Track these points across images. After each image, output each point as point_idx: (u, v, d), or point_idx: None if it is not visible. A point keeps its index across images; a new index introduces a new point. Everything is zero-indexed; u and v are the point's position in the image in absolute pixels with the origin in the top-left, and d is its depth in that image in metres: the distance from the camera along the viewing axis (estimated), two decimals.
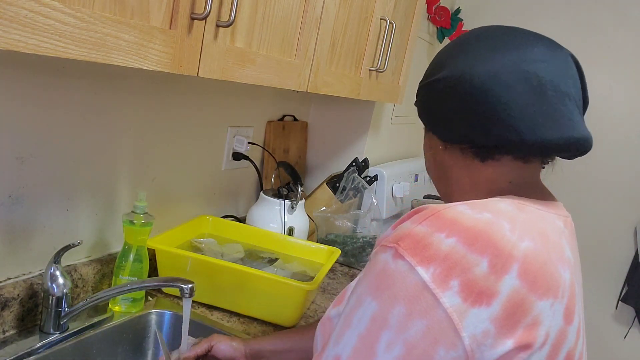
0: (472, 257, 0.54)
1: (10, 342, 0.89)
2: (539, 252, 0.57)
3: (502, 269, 0.54)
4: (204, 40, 0.77)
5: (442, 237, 0.55)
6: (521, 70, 0.65)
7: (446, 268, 0.53)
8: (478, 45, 0.68)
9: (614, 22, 2.16)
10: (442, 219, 0.57)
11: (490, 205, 0.60)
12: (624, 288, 2.24)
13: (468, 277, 0.53)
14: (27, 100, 0.89)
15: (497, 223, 0.57)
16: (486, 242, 0.55)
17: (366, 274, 0.59)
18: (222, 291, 1.16)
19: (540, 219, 0.62)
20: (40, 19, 0.53)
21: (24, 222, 0.94)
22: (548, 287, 0.56)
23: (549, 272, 0.57)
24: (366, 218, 1.71)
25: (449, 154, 0.72)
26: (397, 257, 0.55)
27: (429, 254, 0.54)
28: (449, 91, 0.67)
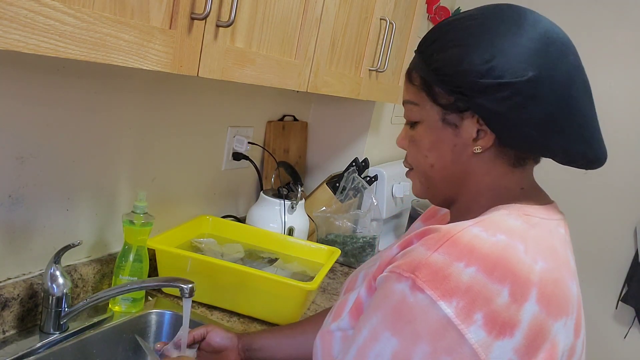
0: (493, 286, 0.52)
1: (10, 342, 0.89)
2: (552, 271, 0.57)
3: (522, 296, 0.53)
4: (204, 40, 0.77)
5: (462, 266, 0.53)
6: (583, 73, 0.64)
7: (469, 301, 0.51)
8: (547, 42, 0.62)
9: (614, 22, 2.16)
10: (458, 246, 0.54)
11: (501, 224, 0.59)
12: (624, 288, 2.24)
13: (491, 309, 0.52)
14: (27, 100, 0.89)
15: (513, 246, 0.56)
16: (505, 270, 0.53)
17: (380, 304, 0.57)
18: (222, 291, 1.16)
19: (548, 233, 0.62)
20: (40, 19, 0.53)
21: (24, 222, 0.94)
22: (561, 307, 0.56)
23: (561, 291, 0.57)
24: (366, 218, 1.71)
25: (480, 157, 0.66)
26: (416, 289, 0.53)
27: (450, 286, 0.52)
28: (530, 95, 0.60)
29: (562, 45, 0.63)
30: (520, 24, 0.62)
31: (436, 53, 0.65)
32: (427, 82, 0.66)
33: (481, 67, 0.61)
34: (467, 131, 0.65)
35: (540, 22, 0.63)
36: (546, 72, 0.60)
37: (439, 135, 0.67)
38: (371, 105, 1.91)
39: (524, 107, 0.60)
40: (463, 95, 0.63)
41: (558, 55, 0.62)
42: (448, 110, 0.65)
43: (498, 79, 0.60)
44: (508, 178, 0.67)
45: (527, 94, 0.60)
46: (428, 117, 0.67)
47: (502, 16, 0.63)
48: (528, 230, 0.60)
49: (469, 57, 0.61)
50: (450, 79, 0.63)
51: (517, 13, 0.64)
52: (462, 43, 0.63)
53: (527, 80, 0.60)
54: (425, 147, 0.69)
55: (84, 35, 0.58)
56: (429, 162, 0.69)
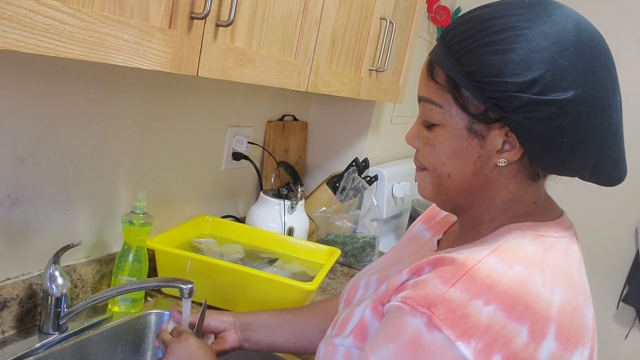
0: (512, 326, 0.50)
1: (9, 342, 0.89)
2: (569, 301, 0.56)
3: (541, 335, 0.52)
4: (204, 40, 0.76)
5: (480, 304, 0.51)
6: (619, 87, 0.61)
7: (488, 342, 0.50)
8: (592, 55, 0.56)
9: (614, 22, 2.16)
10: (476, 281, 0.52)
11: (517, 253, 0.57)
12: (625, 288, 2.23)
13: (510, 350, 0.50)
14: (26, 100, 0.89)
15: (531, 279, 0.54)
16: (525, 307, 0.52)
17: (393, 337, 0.54)
18: (222, 291, 1.16)
19: (563, 256, 0.60)
20: (39, 19, 0.53)
21: (23, 222, 0.94)
22: (578, 339, 0.55)
23: (578, 321, 0.56)
24: (366, 218, 1.71)
25: (501, 170, 0.62)
26: (433, 327, 0.50)
27: (468, 326, 0.50)
28: (569, 114, 0.56)
29: (605, 57, 0.58)
30: (567, 31, 0.56)
31: (470, 54, 0.57)
32: (455, 85, 0.59)
33: (522, 79, 0.55)
34: (492, 142, 0.60)
35: (587, 28, 0.58)
36: (589, 91, 0.56)
37: (463, 145, 0.61)
38: (371, 105, 1.91)
39: (562, 128, 0.56)
40: (497, 107, 0.57)
41: (602, 71, 0.57)
42: (476, 119, 0.59)
43: (539, 94, 0.54)
44: (524, 192, 0.64)
45: (569, 115, 0.55)
46: (452, 122, 0.61)
47: (550, 20, 0.56)
48: (544, 255, 0.58)
49: (510, 65, 0.55)
50: (485, 88, 0.57)
51: (564, 16, 0.57)
52: (504, 48, 0.55)
53: (569, 100, 0.55)
54: (444, 154, 0.62)
55: (83, 34, 0.58)
56: (446, 171, 0.63)
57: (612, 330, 2.29)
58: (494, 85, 0.56)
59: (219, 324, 0.90)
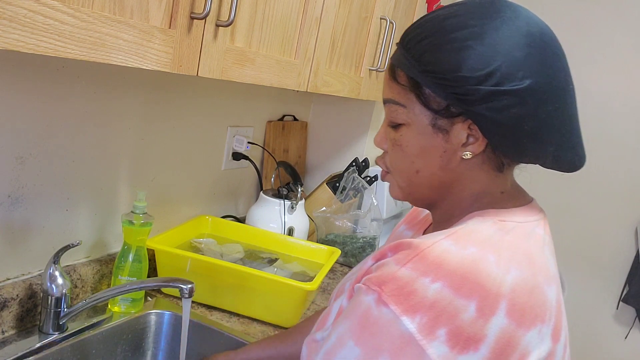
0: (459, 302, 0.52)
1: (9, 342, 0.89)
2: (526, 279, 0.57)
3: (490, 310, 0.53)
4: (204, 40, 0.77)
5: (428, 282, 0.53)
6: (571, 76, 0.63)
7: (433, 317, 0.52)
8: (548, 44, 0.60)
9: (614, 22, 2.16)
10: (426, 261, 0.54)
11: (473, 236, 0.59)
12: (625, 288, 2.23)
13: (455, 325, 0.52)
14: (26, 100, 0.89)
15: (483, 258, 0.55)
16: (473, 284, 0.53)
17: (349, 313, 0.57)
18: (222, 291, 1.16)
19: (523, 237, 0.61)
20: (39, 19, 0.53)
21: (23, 222, 0.94)
22: (535, 316, 0.56)
23: (537, 299, 0.57)
24: (366, 218, 1.71)
25: (468, 163, 0.64)
26: (381, 303, 0.53)
27: (414, 302, 0.52)
28: (528, 103, 0.58)
29: (556, 49, 0.61)
30: (519, 26, 0.59)
31: (429, 53, 0.61)
32: (417, 84, 0.62)
33: (480, 72, 0.58)
34: (457, 136, 0.62)
35: (537, 23, 0.61)
36: (544, 79, 0.59)
37: (428, 141, 0.64)
38: (371, 105, 1.91)
39: (521, 116, 0.59)
40: (458, 101, 0.60)
41: (554, 61, 0.60)
42: (439, 115, 0.62)
43: (497, 86, 0.58)
44: (492, 183, 0.66)
45: (525, 102, 0.58)
46: (416, 120, 0.64)
47: (501, 16, 0.60)
48: (502, 238, 0.59)
49: (468, 61, 0.58)
50: (445, 84, 0.59)
51: (515, 13, 0.61)
52: (460, 45, 0.59)
53: (526, 88, 0.58)
54: (412, 153, 0.65)
55: (83, 34, 0.58)
56: (415, 168, 0.66)
57: (612, 330, 2.29)
58: (454, 80, 0.59)
59: None
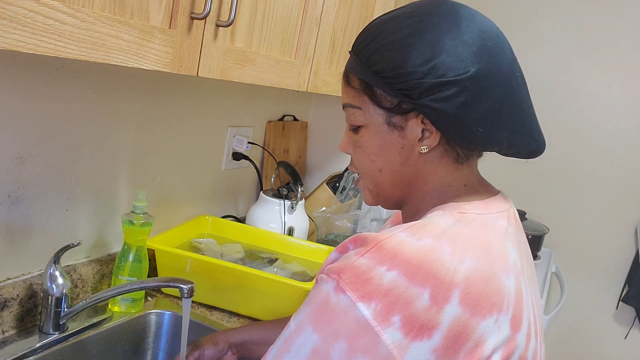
0: (413, 290, 0.54)
1: (9, 342, 0.89)
2: (482, 269, 0.57)
3: (443, 298, 0.54)
4: (204, 40, 0.77)
5: (383, 270, 0.55)
6: (519, 66, 0.66)
7: (387, 304, 0.53)
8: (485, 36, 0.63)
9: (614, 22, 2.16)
10: (383, 251, 0.56)
11: (430, 227, 0.60)
12: (625, 288, 2.23)
13: (409, 312, 0.53)
14: (26, 100, 0.89)
15: (438, 249, 0.57)
16: (427, 273, 0.55)
17: (309, 301, 0.59)
18: (222, 291, 1.16)
19: (482, 228, 0.62)
20: (39, 19, 0.53)
21: (23, 222, 0.94)
22: (491, 305, 0.57)
23: (492, 288, 0.57)
24: (366, 218, 1.71)
25: (427, 157, 0.66)
26: (339, 290, 0.55)
27: (370, 289, 0.54)
28: (473, 92, 0.61)
29: (498, 39, 0.64)
30: (458, 20, 0.62)
31: (375, 55, 0.64)
32: (368, 85, 0.65)
33: (423, 67, 0.60)
34: (412, 132, 0.65)
35: (476, 17, 0.64)
36: (487, 68, 0.61)
37: (385, 139, 0.66)
38: None
39: (468, 104, 0.61)
40: (407, 97, 0.62)
41: (496, 50, 0.62)
42: (392, 113, 0.65)
43: (441, 77, 0.60)
44: (453, 176, 0.68)
45: (470, 91, 0.60)
46: (372, 120, 0.66)
47: (438, 13, 0.63)
48: (460, 229, 0.60)
49: (411, 58, 0.61)
50: (393, 82, 0.62)
51: (453, 9, 0.64)
52: (403, 44, 0.62)
53: (469, 77, 0.60)
54: (372, 152, 0.68)
55: (83, 34, 0.58)
56: (377, 167, 0.69)
57: (611, 330, 2.29)
58: (399, 77, 0.62)
59: (216, 351, 0.92)
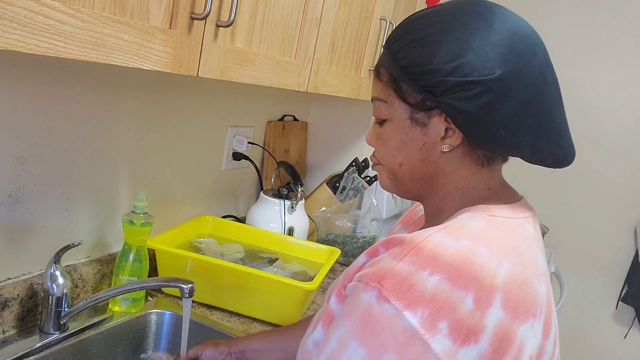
0: (457, 294, 0.53)
1: (10, 342, 0.89)
2: (517, 273, 0.57)
3: (487, 302, 0.53)
4: (204, 40, 0.77)
5: (426, 275, 0.53)
6: (553, 72, 0.64)
7: (434, 310, 0.52)
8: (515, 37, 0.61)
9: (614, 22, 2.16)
10: (422, 254, 0.55)
11: (465, 229, 0.59)
12: (624, 288, 2.24)
13: (455, 317, 0.52)
14: (27, 100, 0.89)
15: (476, 251, 0.56)
16: (469, 276, 0.54)
17: (348, 314, 0.57)
18: (222, 291, 1.16)
19: (512, 233, 0.62)
20: (40, 19, 0.53)
21: (23, 222, 0.94)
22: (528, 310, 0.56)
23: (527, 293, 0.57)
24: (366, 218, 1.71)
25: (448, 156, 0.66)
26: (382, 299, 0.53)
27: (414, 295, 0.52)
28: (498, 94, 0.60)
29: (531, 42, 0.62)
30: (489, 20, 0.61)
31: (403, 50, 0.64)
32: (395, 80, 0.66)
33: (449, 65, 0.60)
34: (435, 130, 0.64)
35: (509, 18, 0.62)
36: (515, 70, 0.60)
37: (407, 134, 0.66)
38: (371, 105, 1.91)
39: (491, 106, 0.60)
40: (431, 94, 0.62)
41: (527, 53, 0.61)
42: (416, 109, 0.65)
43: (465, 76, 0.59)
44: (476, 177, 0.67)
45: (495, 92, 0.59)
46: (396, 115, 0.67)
47: (470, 12, 0.62)
48: (492, 232, 0.60)
49: (437, 55, 0.60)
50: (418, 78, 0.62)
51: (486, 9, 0.63)
52: (430, 40, 0.61)
53: (495, 79, 0.59)
54: (393, 146, 0.68)
55: (83, 35, 0.58)
56: (397, 161, 0.68)
57: (611, 330, 2.29)
58: (425, 74, 0.61)
59: (215, 354, 0.90)
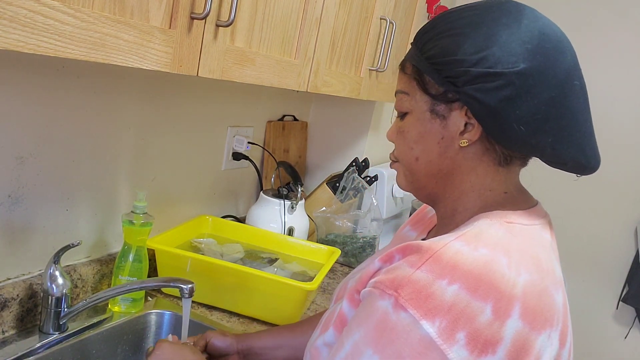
0: (475, 304, 0.52)
1: (9, 342, 0.89)
2: (536, 283, 0.57)
3: (505, 313, 0.53)
4: (204, 40, 0.77)
5: (445, 284, 0.52)
6: (580, 75, 0.64)
7: (452, 320, 0.51)
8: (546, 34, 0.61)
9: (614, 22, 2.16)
10: (441, 262, 0.54)
11: (483, 237, 0.58)
12: (625, 288, 2.23)
13: (473, 327, 0.51)
14: (26, 100, 0.89)
15: (496, 260, 0.55)
16: (488, 286, 0.53)
17: (363, 320, 0.56)
18: (222, 291, 1.16)
19: (531, 241, 0.61)
20: (39, 19, 0.53)
21: (23, 222, 0.94)
22: (545, 319, 0.56)
23: (545, 303, 0.57)
24: (366, 218, 1.71)
25: (466, 152, 0.65)
26: (399, 308, 0.52)
27: (433, 305, 0.51)
28: (520, 88, 0.59)
29: (559, 43, 0.62)
30: (519, 18, 0.61)
31: (430, 42, 0.64)
32: (419, 71, 0.66)
33: (474, 56, 0.60)
34: (455, 123, 0.64)
35: (540, 18, 0.63)
36: (539, 68, 0.59)
37: (426, 127, 0.66)
38: (371, 105, 1.91)
39: (512, 100, 0.59)
40: (453, 85, 0.62)
41: (554, 53, 0.61)
42: (437, 101, 0.64)
43: (489, 68, 0.59)
44: (493, 179, 0.66)
45: (517, 87, 0.59)
46: (417, 107, 0.66)
47: (501, 9, 0.62)
48: (511, 240, 0.59)
49: (463, 46, 0.61)
50: (441, 68, 0.62)
51: (517, 8, 0.63)
52: (458, 32, 0.62)
53: (518, 72, 0.59)
54: (411, 139, 0.67)
55: (83, 35, 0.58)
56: (414, 155, 0.68)
57: (611, 330, 2.29)
58: (449, 64, 0.62)
59: (223, 344, 0.90)
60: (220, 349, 0.90)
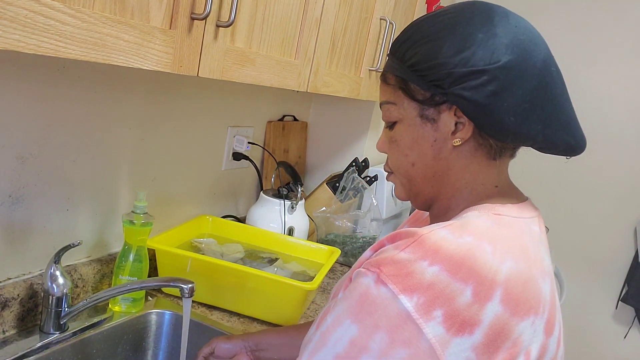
0: (455, 285, 0.53)
1: (10, 342, 0.89)
2: (521, 271, 0.58)
3: (486, 296, 0.54)
4: (204, 41, 0.77)
5: (426, 264, 0.54)
6: (555, 63, 0.66)
7: (430, 298, 0.53)
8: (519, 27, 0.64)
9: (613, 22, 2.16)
10: (425, 245, 0.56)
11: (469, 226, 0.60)
12: (624, 288, 2.24)
13: (452, 307, 0.53)
14: (27, 100, 0.89)
15: (480, 247, 0.57)
16: (470, 269, 0.54)
17: (346, 296, 0.58)
18: (222, 291, 1.16)
19: (519, 232, 0.62)
20: (40, 19, 0.53)
21: (24, 222, 0.94)
22: (530, 307, 0.57)
23: (531, 291, 0.58)
24: (366, 218, 1.71)
25: (460, 150, 0.66)
26: (380, 283, 0.55)
27: (412, 282, 0.54)
28: (504, 81, 0.61)
29: (531, 34, 0.64)
30: (490, 15, 0.64)
31: (410, 50, 0.66)
32: (402, 80, 0.67)
33: (455, 57, 0.62)
34: (446, 124, 0.65)
35: (510, 14, 0.65)
36: (519, 60, 0.61)
37: (419, 132, 0.67)
38: (371, 105, 1.91)
39: (498, 94, 0.61)
40: (439, 88, 0.63)
41: (529, 44, 0.63)
42: (425, 105, 0.66)
43: (472, 67, 0.61)
44: (485, 173, 0.68)
45: (501, 80, 0.61)
46: (406, 114, 0.68)
47: (472, 10, 0.65)
48: (498, 230, 0.60)
49: (442, 49, 0.62)
50: (425, 73, 0.64)
51: (487, 7, 0.65)
52: (435, 37, 0.64)
53: (501, 67, 0.61)
54: (405, 146, 0.69)
55: (84, 35, 0.58)
56: (410, 161, 0.69)
57: (611, 329, 2.29)
58: (432, 69, 0.63)
59: (232, 347, 0.92)
60: (229, 350, 0.91)
